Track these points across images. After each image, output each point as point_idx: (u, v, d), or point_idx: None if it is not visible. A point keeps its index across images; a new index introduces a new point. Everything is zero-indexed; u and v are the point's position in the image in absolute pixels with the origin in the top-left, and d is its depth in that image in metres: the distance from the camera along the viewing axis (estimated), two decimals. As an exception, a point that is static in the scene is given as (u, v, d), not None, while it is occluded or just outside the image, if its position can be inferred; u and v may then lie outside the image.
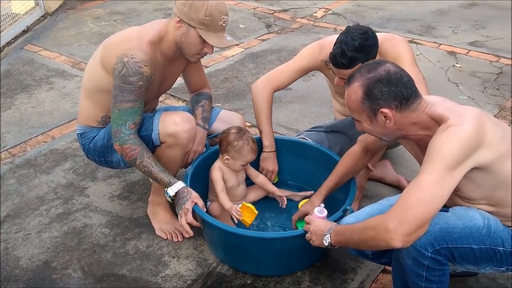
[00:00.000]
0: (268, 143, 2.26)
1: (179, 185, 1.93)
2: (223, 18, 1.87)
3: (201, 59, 2.24)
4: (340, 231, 1.62)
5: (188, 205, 1.90)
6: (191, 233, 1.90)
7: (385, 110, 1.51)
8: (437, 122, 1.51)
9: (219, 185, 2.08)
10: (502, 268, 1.57)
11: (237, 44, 2.00)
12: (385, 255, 1.73)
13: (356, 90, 1.53)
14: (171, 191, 1.92)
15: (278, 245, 1.84)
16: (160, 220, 2.16)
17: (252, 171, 2.24)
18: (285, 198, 2.20)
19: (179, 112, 2.04)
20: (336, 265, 2.01)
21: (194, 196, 1.92)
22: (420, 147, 1.62)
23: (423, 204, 1.42)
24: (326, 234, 1.64)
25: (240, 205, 2.02)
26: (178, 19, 1.86)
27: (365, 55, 1.99)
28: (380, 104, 1.51)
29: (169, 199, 1.95)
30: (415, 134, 1.57)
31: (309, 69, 2.34)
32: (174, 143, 1.97)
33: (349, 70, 1.99)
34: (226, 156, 2.09)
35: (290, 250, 1.86)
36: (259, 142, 2.25)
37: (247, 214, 2.00)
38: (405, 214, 1.43)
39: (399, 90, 1.49)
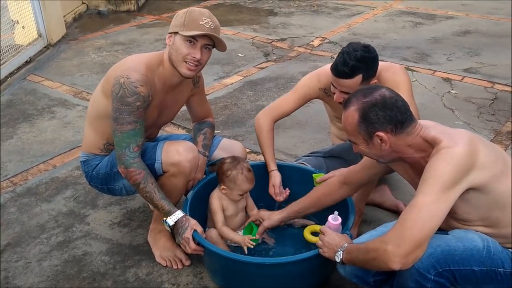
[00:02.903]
0: (268, 164, 2.30)
1: (178, 214, 1.94)
2: (204, 19, 1.88)
3: (204, 90, 2.30)
4: (350, 250, 1.64)
5: (188, 234, 1.91)
6: (201, 251, 1.92)
7: (381, 134, 1.55)
8: (431, 144, 1.55)
9: (219, 219, 2.09)
10: None
11: (215, 35, 1.91)
12: (388, 282, 1.73)
13: (352, 113, 1.58)
14: (171, 220, 1.93)
15: (278, 271, 1.84)
16: (161, 247, 2.16)
17: (250, 202, 2.24)
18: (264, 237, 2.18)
19: (182, 141, 2.07)
20: (337, 291, 2.00)
21: (193, 224, 1.93)
22: (415, 169, 1.65)
23: (419, 224, 1.44)
24: (339, 251, 1.65)
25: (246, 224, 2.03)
26: (168, 35, 1.94)
27: (366, 66, 2.04)
28: (376, 127, 1.55)
29: (168, 229, 1.96)
30: (411, 156, 1.61)
31: (308, 98, 2.40)
32: (177, 172, 2.00)
33: (350, 80, 2.04)
34: (223, 187, 2.10)
35: (290, 276, 1.86)
36: (261, 168, 2.28)
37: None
38: (402, 235, 1.45)
39: (394, 114, 1.54)
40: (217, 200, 2.12)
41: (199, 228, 1.93)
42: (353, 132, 1.61)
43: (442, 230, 1.66)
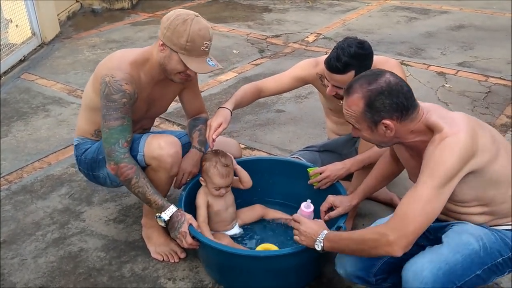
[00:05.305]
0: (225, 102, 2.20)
1: (172, 208, 1.93)
2: (205, 43, 1.91)
3: (197, 84, 2.30)
4: (334, 239, 1.65)
5: (185, 228, 1.91)
6: (196, 245, 1.91)
7: (387, 122, 1.52)
8: (431, 130, 1.53)
9: (201, 215, 2.06)
10: (505, 273, 1.61)
11: (220, 68, 2.01)
12: (387, 280, 1.74)
13: (356, 101, 1.54)
14: (165, 215, 1.92)
15: (272, 264, 1.84)
16: (155, 243, 2.17)
17: (235, 181, 2.19)
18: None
19: (165, 135, 2.05)
20: (331, 284, 2.01)
21: (188, 218, 1.94)
22: (412, 152, 1.65)
23: (423, 217, 1.46)
24: (318, 239, 1.66)
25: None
26: (161, 42, 1.92)
27: (359, 63, 2.03)
28: (382, 115, 1.52)
29: (163, 224, 1.95)
30: (411, 141, 1.59)
31: (302, 80, 2.37)
32: (158, 166, 1.98)
33: (342, 76, 2.04)
34: (201, 178, 2.10)
35: (284, 269, 1.87)
36: (256, 163, 2.27)
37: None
38: (405, 226, 1.47)
39: (400, 101, 1.51)
40: (203, 195, 2.10)
41: (195, 222, 1.93)
42: (357, 120, 1.56)
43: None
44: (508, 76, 3.96)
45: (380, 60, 2.22)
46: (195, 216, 2.00)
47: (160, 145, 1.97)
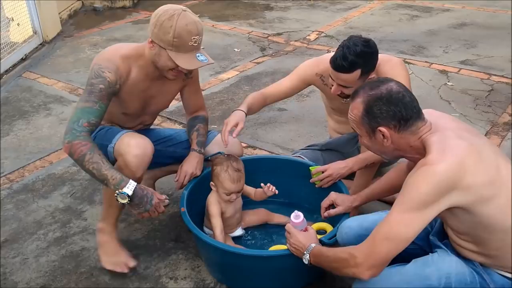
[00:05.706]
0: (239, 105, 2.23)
1: (133, 182, 1.82)
2: (194, 38, 1.87)
3: (198, 81, 2.29)
4: (317, 254, 1.67)
5: (156, 199, 1.88)
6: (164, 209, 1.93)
7: (383, 129, 1.51)
8: (426, 151, 1.49)
9: (217, 226, 2.01)
10: None
11: (212, 63, 1.96)
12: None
13: (358, 106, 1.54)
14: (128, 190, 1.79)
15: (274, 264, 1.84)
16: (107, 252, 2.08)
17: (249, 189, 2.20)
18: (271, 187, 2.12)
19: (138, 136, 1.98)
20: (333, 283, 2.00)
21: (152, 190, 1.91)
22: None
23: (388, 243, 1.45)
24: (305, 253, 1.69)
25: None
26: (150, 39, 1.91)
27: (365, 61, 2.02)
28: (379, 122, 1.51)
29: (125, 200, 1.81)
30: (412, 156, 1.56)
31: (304, 82, 2.37)
32: (124, 165, 1.92)
33: (348, 74, 2.03)
34: (211, 182, 2.08)
35: (286, 269, 1.86)
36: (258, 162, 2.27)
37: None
38: (371, 250, 1.48)
39: (399, 110, 1.48)
40: (216, 204, 2.05)
41: (159, 195, 1.92)
42: (357, 124, 1.57)
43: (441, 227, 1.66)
44: (510, 74, 3.94)
45: (382, 59, 2.21)
46: (197, 216, 1.98)
47: (129, 144, 1.92)
